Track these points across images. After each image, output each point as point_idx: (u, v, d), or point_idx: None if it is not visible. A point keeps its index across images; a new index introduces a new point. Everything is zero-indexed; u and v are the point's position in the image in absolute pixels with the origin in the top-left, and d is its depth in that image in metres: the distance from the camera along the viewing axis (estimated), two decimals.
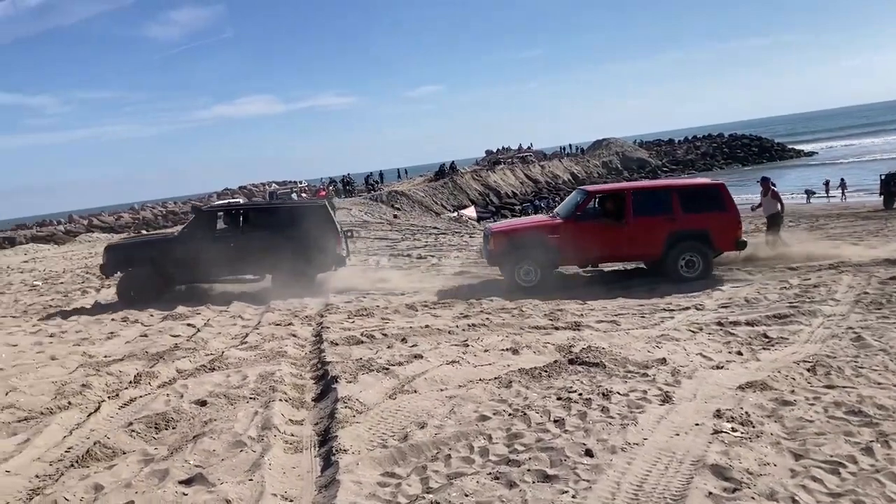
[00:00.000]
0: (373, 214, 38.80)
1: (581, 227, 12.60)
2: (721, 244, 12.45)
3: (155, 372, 7.30)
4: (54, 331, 10.88)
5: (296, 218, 13.76)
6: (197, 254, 13.02)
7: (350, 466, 4.11)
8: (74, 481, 4.42)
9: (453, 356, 6.92)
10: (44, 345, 9.94)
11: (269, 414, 5.24)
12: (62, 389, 6.80)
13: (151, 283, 12.99)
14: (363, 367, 6.61)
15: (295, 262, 13.29)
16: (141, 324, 11.04)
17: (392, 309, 11.00)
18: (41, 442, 5.23)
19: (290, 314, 11.04)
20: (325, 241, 13.74)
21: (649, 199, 12.88)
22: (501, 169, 62.01)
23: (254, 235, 13.37)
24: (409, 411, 5.14)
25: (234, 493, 3.86)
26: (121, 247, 14.30)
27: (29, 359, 8.92)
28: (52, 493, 4.24)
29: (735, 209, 12.63)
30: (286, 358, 7.60)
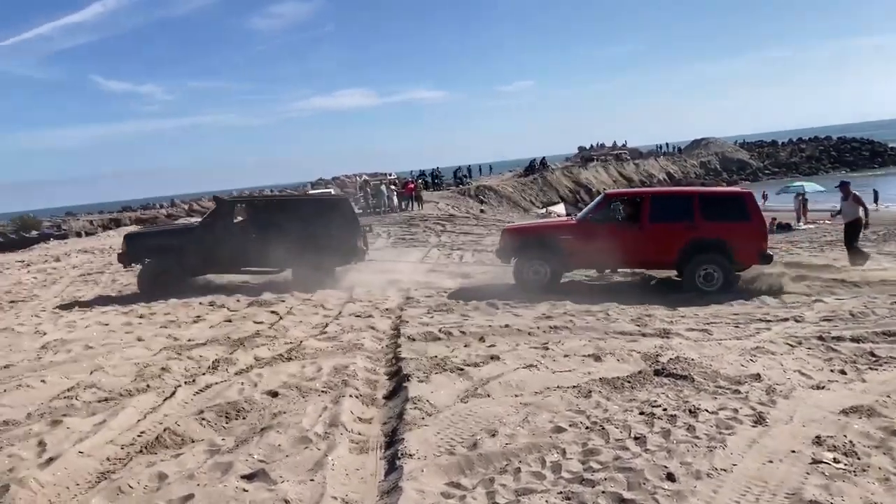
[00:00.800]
0: (459, 209, 38.72)
1: (594, 229, 12.24)
2: (742, 257, 11.73)
3: (233, 359, 7.34)
4: (144, 312, 11.19)
5: (318, 211, 13.82)
6: (220, 244, 13.06)
7: (414, 473, 3.93)
8: (141, 468, 4.41)
9: (531, 359, 6.67)
10: (133, 325, 10.22)
11: (337, 410, 5.13)
12: (143, 372, 6.91)
13: (173, 273, 12.92)
14: (437, 366, 6.43)
15: (316, 255, 13.22)
16: (227, 309, 11.22)
17: (472, 306, 10.81)
18: (116, 424, 5.28)
19: (371, 306, 11.01)
20: (346, 234, 13.76)
21: (668, 205, 12.42)
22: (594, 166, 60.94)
23: (276, 227, 13.27)
24: (480, 417, 4.92)
25: (294, 493, 3.75)
26: (142, 236, 14.38)
27: (117, 339, 9.17)
28: (118, 478, 4.23)
29: (760, 220, 11.98)
30: (362, 351, 7.51)
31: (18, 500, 3.95)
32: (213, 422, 5.22)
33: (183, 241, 13.28)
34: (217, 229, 13.26)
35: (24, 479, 4.16)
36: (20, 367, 7.62)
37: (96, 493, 4.06)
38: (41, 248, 30.05)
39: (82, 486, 4.27)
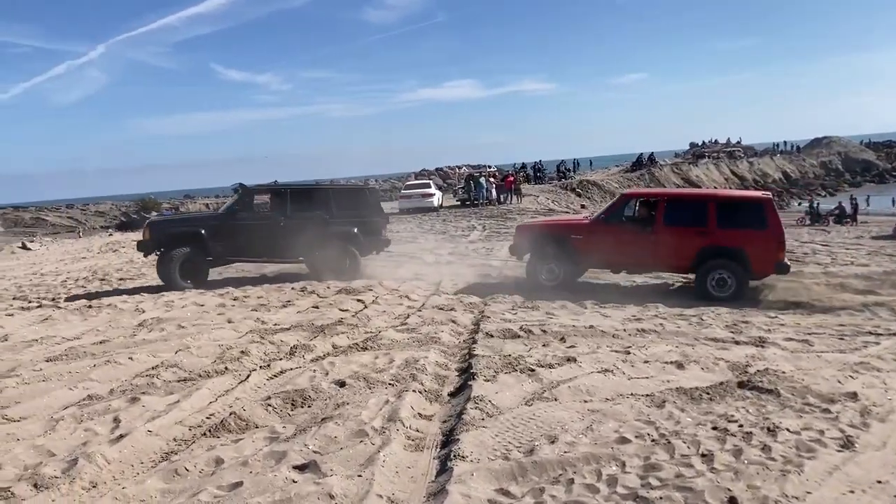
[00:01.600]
0: (559, 203, 38.18)
1: (607, 230, 12.09)
2: (758, 266, 11.25)
3: (311, 345, 7.43)
4: (238, 294, 11.54)
5: (342, 200, 13.78)
6: (245, 232, 13.02)
7: (464, 476, 3.82)
8: (201, 451, 4.49)
9: (609, 364, 6.42)
10: (226, 307, 10.56)
11: (398, 405, 5.08)
12: (224, 354, 7.09)
13: (197, 262, 12.80)
14: (509, 365, 6.29)
15: (342, 245, 13.34)
16: (317, 295, 11.42)
17: (559, 304, 10.57)
18: (188, 405, 5.42)
19: (456, 299, 10.95)
20: (371, 224, 13.86)
21: (683, 209, 12.07)
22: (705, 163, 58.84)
23: (302, 216, 13.26)
24: (542, 421, 4.75)
25: (340, 487, 3.71)
26: (165, 223, 14.15)
27: (209, 320, 9.49)
28: (177, 460, 4.33)
29: (779, 228, 11.38)
30: (438, 345, 7.45)
31: (84, 475, 4.09)
32: (278, 408, 5.28)
33: (208, 228, 13.08)
34: (242, 217, 13.20)
35: (92, 455, 4.31)
36: (115, 344, 7.98)
37: (154, 473, 4.15)
38: None
39: (146, 464, 4.39)
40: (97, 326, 9.31)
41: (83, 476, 4.08)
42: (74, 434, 4.88)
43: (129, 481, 4.05)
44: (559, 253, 12.22)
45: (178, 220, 14.35)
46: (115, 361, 6.89)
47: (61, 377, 6.48)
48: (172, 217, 16.21)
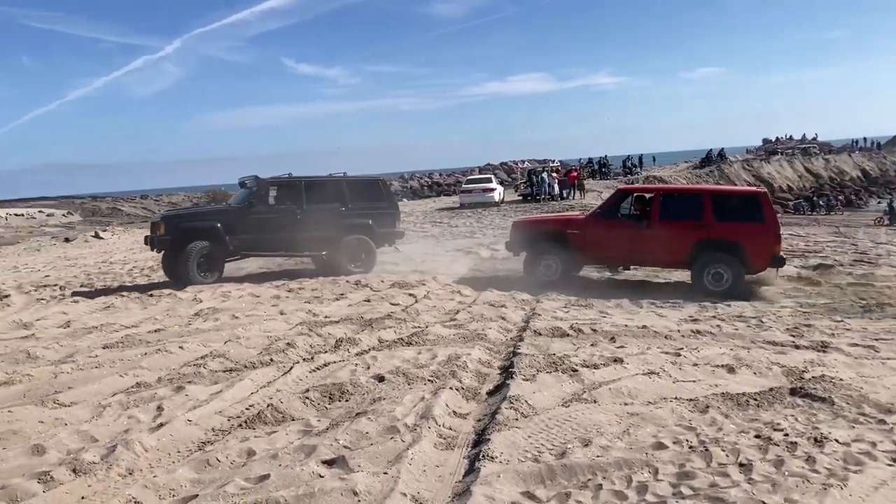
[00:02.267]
0: None
1: (603, 225, 12.20)
2: (754, 259, 11.43)
3: (357, 339, 7.46)
4: (294, 286, 11.71)
5: (357, 192, 13.74)
6: (262, 226, 12.85)
7: (490, 478, 3.75)
8: (236, 442, 4.54)
9: (657, 365, 6.24)
10: (280, 299, 10.72)
11: (433, 402, 5.04)
12: (271, 345, 7.18)
13: (215, 257, 12.49)
14: (551, 365, 6.18)
15: (358, 237, 13.42)
16: (370, 288, 11.50)
17: (615, 303, 10.38)
18: (230, 396, 5.50)
19: (508, 296, 10.86)
20: (386, 216, 13.94)
21: (679, 203, 12.25)
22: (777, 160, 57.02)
23: (318, 208, 13.20)
24: (578, 423, 4.64)
25: (364, 484, 3.69)
26: (182, 217, 13.73)
27: (262, 311, 9.64)
28: (211, 450, 4.38)
29: (774, 221, 11.65)
30: (483, 342, 7.38)
31: (121, 462, 4.18)
32: (315, 402, 5.31)
33: (225, 222, 12.77)
34: (259, 210, 12.99)
35: (130, 442, 4.41)
36: (169, 332, 8.18)
37: (187, 462, 4.22)
38: None
39: (182, 453, 4.46)
40: (155, 315, 9.56)
41: (120, 463, 4.17)
42: (118, 421, 5.00)
43: (161, 470, 4.12)
44: (556, 248, 12.29)
45: (195, 214, 13.98)
46: (166, 350, 7.05)
47: (114, 364, 6.67)
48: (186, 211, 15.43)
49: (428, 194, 60.96)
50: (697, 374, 6.06)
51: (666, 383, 5.66)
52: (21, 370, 6.54)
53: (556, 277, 12.11)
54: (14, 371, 6.51)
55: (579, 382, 5.63)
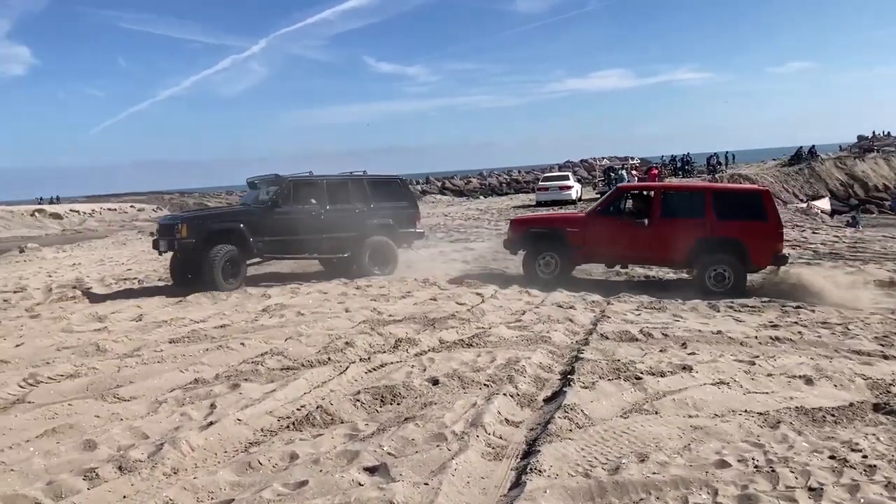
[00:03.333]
0: None
1: (603, 223, 12.04)
2: (756, 258, 11.25)
3: (417, 339, 7.34)
4: (361, 284, 11.70)
5: (378, 191, 13.26)
6: (287, 227, 12.19)
7: (535, 493, 3.55)
8: (281, 444, 4.47)
9: (727, 375, 5.88)
10: (347, 296, 10.71)
11: (484, 409, 4.85)
12: (330, 344, 7.14)
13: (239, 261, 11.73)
14: (615, 371, 5.90)
15: (382, 238, 12.95)
16: (437, 287, 11.38)
17: (690, 306, 9.94)
18: (282, 395, 5.45)
19: (578, 297, 10.56)
20: (407, 215, 13.53)
21: (680, 201, 12.12)
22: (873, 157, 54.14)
23: (342, 208, 12.70)
24: (636, 436, 4.38)
25: (403, 496, 3.54)
26: (205, 218, 12.61)
27: (327, 308, 9.65)
28: (255, 452, 4.32)
29: (777, 219, 11.47)
30: (547, 345, 7.15)
31: (166, 460, 4.17)
32: (366, 404, 5.20)
33: (249, 224, 11.96)
34: (284, 211, 12.23)
35: (178, 441, 4.40)
36: (234, 328, 8.26)
37: (230, 464, 4.16)
38: None
39: (229, 453, 4.43)
40: (224, 310, 9.68)
41: (165, 462, 4.15)
42: (171, 417, 5.01)
43: (202, 471, 4.07)
44: (556, 247, 12.14)
45: (217, 216, 12.87)
46: (228, 347, 7.10)
47: (176, 359, 6.75)
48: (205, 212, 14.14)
49: (506, 191, 60.66)
50: (772, 385, 5.68)
51: (736, 394, 5.32)
52: (88, 363, 6.69)
53: (556, 275, 12.04)
54: (82, 364, 6.67)
55: (642, 391, 5.34)
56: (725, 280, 11.15)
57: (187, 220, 11.95)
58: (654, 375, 5.82)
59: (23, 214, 35.07)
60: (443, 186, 64.73)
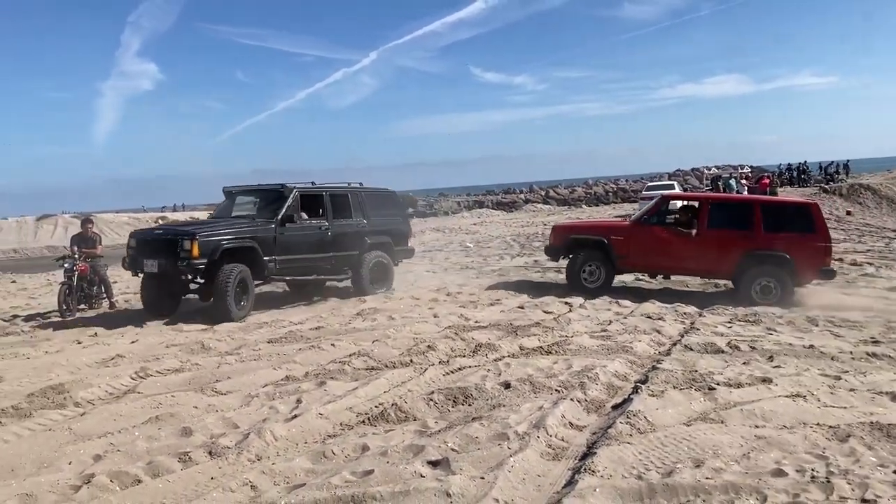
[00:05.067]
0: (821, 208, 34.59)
1: (648, 232, 11.96)
2: (802, 272, 11.24)
3: (497, 345, 7.56)
4: (452, 290, 12.01)
5: (375, 204, 12.25)
6: (298, 244, 10.87)
7: (584, 492, 3.70)
8: (355, 437, 4.80)
9: (808, 388, 5.79)
10: (438, 302, 11.06)
11: (549, 412, 5.01)
12: (413, 347, 7.45)
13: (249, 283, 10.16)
14: (688, 382, 5.92)
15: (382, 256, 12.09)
16: (527, 295, 11.54)
17: (787, 319, 9.69)
18: (363, 393, 5.79)
19: (670, 308, 10.49)
20: (402, 231, 12.78)
21: (727, 212, 12.06)
22: None
23: (345, 224, 11.63)
24: (696, 443, 4.43)
25: (459, 487, 3.77)
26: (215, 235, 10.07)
27: (417, 313, 10.01)
28: (331, 443, 4.66)
29: (826, 233, 11.53)
30: (628, 355, 7.20)
31: (251, 448, 4.56)
32: (438, 404, 5.46)
33: (262, 241, 10.39)
34: (294, 228, 10.84)
35: (263, 431, 4.79)
36: (328, 330, 8.72)
37: (306, 452, 4.52)
38: None
39: (308, 444, 4.78)
40: (321, 313, 10.21)
41: (251, 449, 4.55)
42: (260, 410, 5.44)
43: (281, 458, 4.44)
44: (600, 255, 12.02)
45: (228, 231, 10.34)
46: (320, 347, 7.54)
47: (271, 358, 7.24)
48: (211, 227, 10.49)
49: (612, 200, 59.78)
50: (853, 400, 5.56)
51: (810, 407, 5.25)
52: (193, 360, 7.28)
53: (600, 283, 11.98)
54: (187, 360, 7.26)
55: (711, 401, 5.36)
56: (772, 293, 11.16)
57: (197, 236, 9.67)
58: (730, 387, 5.81)
59: (147, 221, 37.41)
60: (546, 195, 64.44)
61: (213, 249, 9.73)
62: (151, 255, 9.97)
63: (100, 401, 5.91)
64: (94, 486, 4.01)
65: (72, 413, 5.53)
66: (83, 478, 4.12)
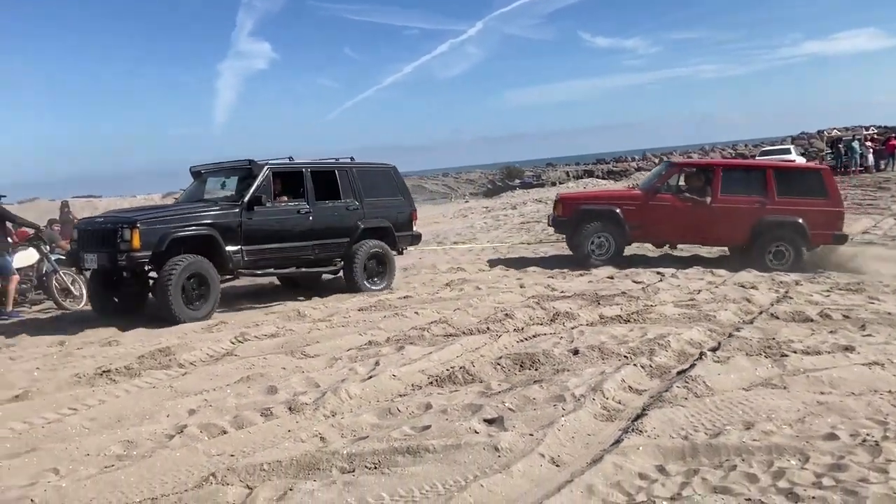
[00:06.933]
0: None
1: (661, 201, 11.86)
2: (816, 237, 11.52)
3: (576, 314, 7.68)
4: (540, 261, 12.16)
5: (369, 183, 10.45)
6: (274, 232, 9.31)
7: (628, 449, 3.83)
8: (421, 397, 5.10)
9: (889, 357, 5.63)
10: (527, 273, 11.27)
11: (609, 376, 5.14)
12: (492, 315, 7.69)
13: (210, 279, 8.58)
14: (762, 349, 5.89)
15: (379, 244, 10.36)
16: (614, 266, 11.51)
17: (893, 288, 9.29)
18: (437, 357, 6.09)
19: (767, 277, 10.27)
20: (403, 215, 10.88)
21: (740, 178, 12.01)
22: None
23: (331, 207, 9.97)
24: (752, 407, 4.46)
25: (508, 442, 3.99)
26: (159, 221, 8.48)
27: (504, 283, 10.27)
28: (397, 402, 4.99)
29: (838, 198, 11.80)
30: (710, 323, 7.16)
31: (327, 405, 4.95)
32: (505, 368, 5.69)
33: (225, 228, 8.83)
34: (266, 211, 9.16)
35: (339, 389, 5.17)
36: (415, 300, 9.10)
37: (375, 409, 4.86)
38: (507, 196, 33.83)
39: (379, 402, 5.12)
40: (413, 284, 10.60)
41: (326, 406, 4.93)
42: (340, 371, 5.83)
43: (351, 414, 4.80)
44: (610, 226, 11.76)
45: (179, 217, 8.74)
46: (403, 315, 7.91)
47: (357, 325, 7.67)
48: (159, 212, 9.08)
49: None
50: None
51: (885, 375, 5.13)
52: (288, 326, 7.82)
53: (610, 256, 11.78)
54: (283, 326, 7.80)
55: (779, 368, 5.33)
56: (785, 258, 11.45)
57: (138, 224, 8.14)
58: (805, 354, 5.73)
59: None
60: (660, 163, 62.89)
61: (160, 240, 8.18)
62: (92, 248, 8.48)
63: (200, 362, 6.49)
64: (185, 435, 4.49)
65: (175, 373, 6.12)
66: (177, 428, 4.62)
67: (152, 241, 8.11)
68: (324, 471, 3.84)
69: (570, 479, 3.56)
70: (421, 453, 3.94)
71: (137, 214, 8.58)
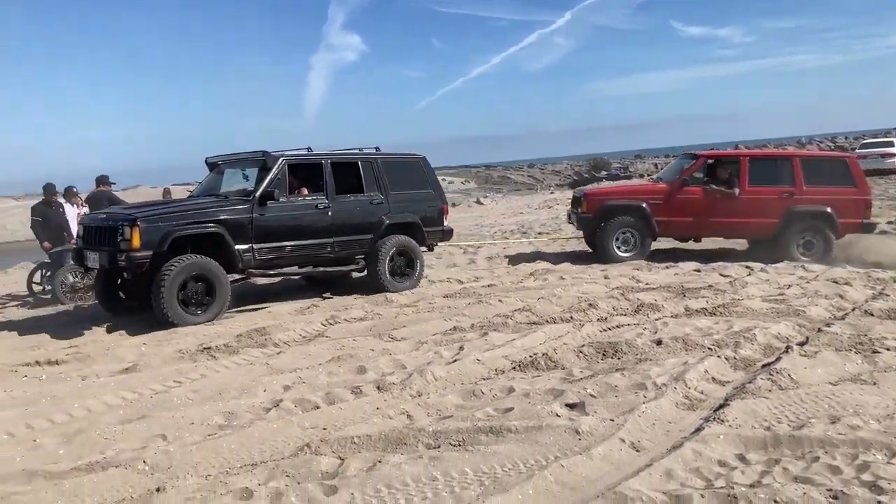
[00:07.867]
0: None
1: (687, 194, 11.66)
2: (845, 225, 11.37)
3: (661, 305, 7.67)
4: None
5: (396, 175, 9.80)
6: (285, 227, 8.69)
7: (708, 437, 3.88)
8: (504, 380, 5.25)
9: None
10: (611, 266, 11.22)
11: (692, 367, 5.15)
12: (576, 305, 7.77)
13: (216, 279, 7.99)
14: (853, 345, 5.76)
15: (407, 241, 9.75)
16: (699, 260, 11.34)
17: None
18: (520, 343, 6.24)
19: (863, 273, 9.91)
20: (432, 209, 10.17)
21: (767, 168, 11.76)
22: None
23: (351, 200, 9.36)
24: (839, 401, 4.42)
25: (588, 426, 4.10)
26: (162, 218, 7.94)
27: (588, 274, 10.30)
28: (481, 385, 5.16)
29: (865, 187, 11.66)
30: (798, 318, 7.03)
31: (413, 385, 5.17)
32: (588, 356, 5.77)
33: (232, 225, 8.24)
34: (281, 206, 8.64)
35: (425, 371, 5.38)
36: (499, 288, 9.26)
37: (459, 391, 5.04)
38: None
39: (464, 384, 5.29)
40: (498, 273, 10.75)
41: (412, 386, 5.15)
42: (426, 354, 6.05)
43: (437, 394, 4.99)
44: (637, 222, 11.50)
45: (184, 213, 8.21)
46: (488, 302, 8.07)
47: (443, 311, 7.89)
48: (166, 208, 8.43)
49: None
50: None
51: None
52: (376, 310, 8.11)
53: (637, 252, 11.61)
54: (371, 311, 8.09)
55: (870, 364, 5.23)
56: (814, 248, 11.35)
57: (139, 222, 7.64)
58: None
59: None
60: None
61: (162, 238, 7.68)
62: (95, 247, 8.03)
63: (294, 342, 6.84)
64: (281, 409, 4.79)
65: (270, 351, 6.48)
66: (273, 402, 4.93)
67: (154, 239, 7.62)
68: (410, 446, 4.05)
69: (649, 462, 3.65)
70: (503, 433, 4.10)
71: (139, 211, 8.06)
